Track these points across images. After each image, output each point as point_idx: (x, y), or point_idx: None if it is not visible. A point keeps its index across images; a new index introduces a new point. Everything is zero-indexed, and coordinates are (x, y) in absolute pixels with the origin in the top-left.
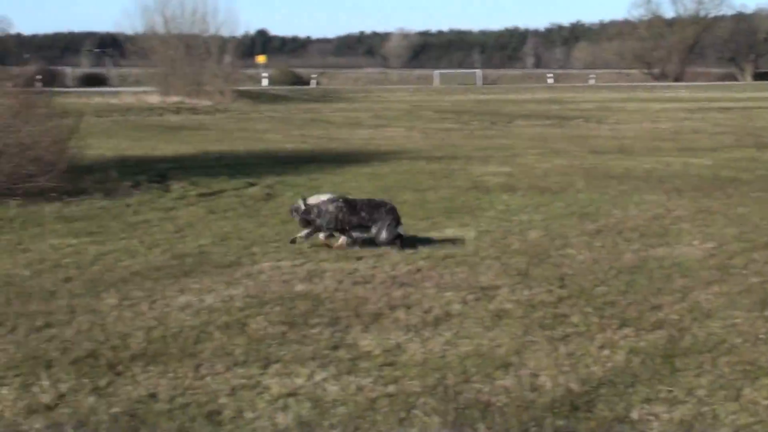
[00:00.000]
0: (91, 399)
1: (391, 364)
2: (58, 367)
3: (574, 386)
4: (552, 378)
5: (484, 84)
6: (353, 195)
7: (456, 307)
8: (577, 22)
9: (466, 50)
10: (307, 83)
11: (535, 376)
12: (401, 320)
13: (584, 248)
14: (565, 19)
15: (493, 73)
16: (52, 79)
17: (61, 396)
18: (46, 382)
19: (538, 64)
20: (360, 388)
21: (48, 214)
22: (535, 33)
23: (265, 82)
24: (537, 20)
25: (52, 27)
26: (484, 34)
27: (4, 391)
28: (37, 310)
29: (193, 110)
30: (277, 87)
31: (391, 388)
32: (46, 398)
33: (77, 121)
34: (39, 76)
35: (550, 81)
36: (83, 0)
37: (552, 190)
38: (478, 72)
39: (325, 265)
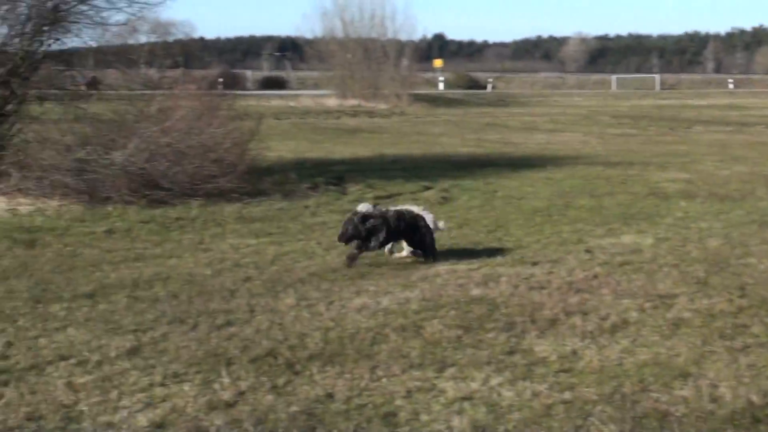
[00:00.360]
0: (270, 397)
1: (567, 371)
2: (238, 365)
3: (756, 398)
4: (732, 389)
5: (662, 89)
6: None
7: (633, 315)
8: (760, 26)
9: (644, 55)
10: (483, 87)
11: (715, 386)
12: (577, 327)
13: (765, 257)
14: (747, 24)
15: (671, 77)
16: (233, 82)
17: (241, 393)
18: (226, 380)
19: (718, 69)
20: (535, 394)
21: (228, 215)
22: (716, 37)
23: (441, 86)
24: (718, 24)
25: (234, 31)
26: (663, 39)
27: (186, 387)
28: (218, 309)
29: (370, 113)
30: (453, 91)
31: (567, 395)
32: (226, 395)
33: (257, 123)
34: (221, 79)
35: (731, 86)
36: (265, 4)
37: (732, 198)
38: (657, 77)
39: (500, 270)
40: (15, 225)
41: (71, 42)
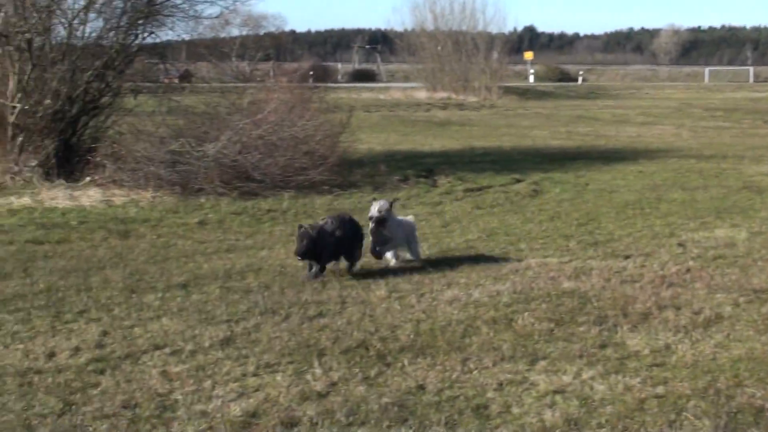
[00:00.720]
0: (362, 388)
1: (660, 365)
2: (330, 356)
3: None
4: None
5: (755, 81)
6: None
7: (727, 310)
8: None
9: (737, 46)
10: (574, 80)
11: None
12: (670, 321)
13: None
14: None
15: (765, 70)
16: (323, 75)
17: (333, 384)
18: (318, 370)
19: None
20: (628, 388)
21: (319, 206)
22: None
23: (531, 79)
24: None
25: (324, 24)
26: (757, 30)
27: (278, 377)
28: (310, 300)
29: (460, 106)
30: (543, 83)
31: (660, 389)
32: (318, 386)
33: (348, 116)
34: (312, 72)
35: None
36: None
37: None
38: (750, 69)
39: (592, 263)
40: (110, 216)
41: (165, 35)
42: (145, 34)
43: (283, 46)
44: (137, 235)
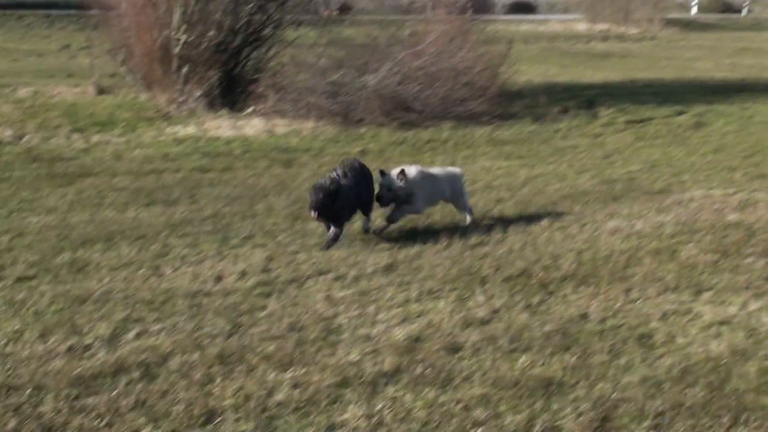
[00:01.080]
0: (524, 316)
1: None
2: (492, 284)
3: None
4: None
5: None
6: None
7: None
8: None
9: None
10: (738, 11)
11: None
12: None
13: None
14: None
15: None
16: (482, 7)
17: (495, 311)
18: (480, 297)
19: None
20: None
21: (479, 137)
22: None
23: (694, 10)
24: None
25: None
26: None
27: (441, 304)
28: (471, 229)
29: (620, 38)
30: (706, 15)
31: None
32: (480, 313)
33: (508, 47)
34: (470, 3)
35: None
36: None
37: None
38: None
39: (758, 195)
40: (272, 145)
41: None
42: None
43: None
44: (299, 164)
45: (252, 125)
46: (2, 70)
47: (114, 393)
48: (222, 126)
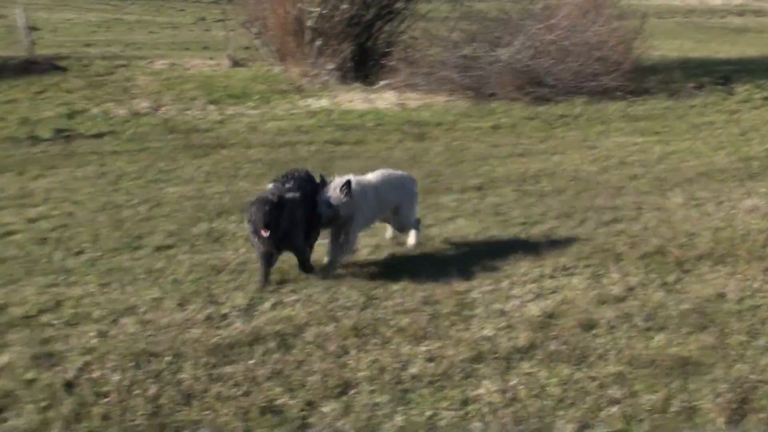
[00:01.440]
0: (660, 294)
1: None
2: (627, 261)
3: None
4: None
5: None
6: None
7: None
8: None
9: None
10: None
11: None
12: None
13: None
14: None
15: None
16: None
17: (630, 289)
18: (615, 275)
19: None
20: None
21: (612, 113)
22: None
23: None
24: None
25: None
26: None
27: (575, 280)
28: (605, 205)
29: (758, 12)
30: None
31: None
32: (615, 290)
33: (642, 22)
34: None
35: None
36: None
37: None
38: None
39: None
40: (404, 118)
41: None
42: None
43: None
44: (432, 137)
45: (384, 98)
46: (139, 42)
47: (251, 362)
48: (354, 99)
